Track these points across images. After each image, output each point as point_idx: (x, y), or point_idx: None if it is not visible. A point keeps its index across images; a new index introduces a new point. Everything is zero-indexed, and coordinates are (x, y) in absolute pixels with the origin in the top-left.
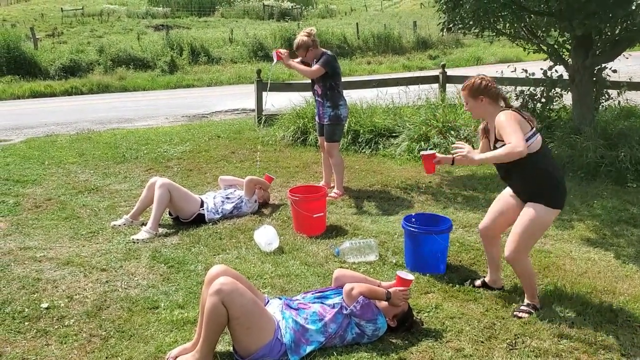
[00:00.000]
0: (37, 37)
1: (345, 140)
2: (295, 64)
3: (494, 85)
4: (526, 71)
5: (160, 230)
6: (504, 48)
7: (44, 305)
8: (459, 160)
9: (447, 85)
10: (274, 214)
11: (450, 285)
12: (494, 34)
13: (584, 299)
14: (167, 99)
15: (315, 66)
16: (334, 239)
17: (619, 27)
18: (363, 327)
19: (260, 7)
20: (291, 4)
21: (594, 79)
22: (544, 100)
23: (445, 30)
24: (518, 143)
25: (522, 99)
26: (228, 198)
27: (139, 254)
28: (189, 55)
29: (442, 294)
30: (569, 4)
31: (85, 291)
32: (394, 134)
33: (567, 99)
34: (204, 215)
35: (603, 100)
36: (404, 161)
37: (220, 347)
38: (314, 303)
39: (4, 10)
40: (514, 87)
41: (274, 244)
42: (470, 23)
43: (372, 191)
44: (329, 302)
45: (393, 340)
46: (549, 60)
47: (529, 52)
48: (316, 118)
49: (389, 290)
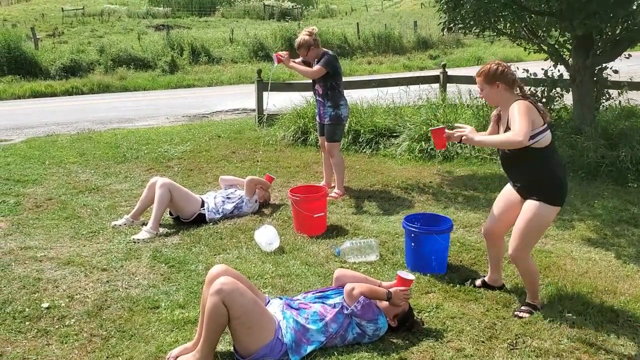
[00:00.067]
0: (38, 37)
1: (346, 140)
2: (296, 65)
3: (510, 71)
4: (527, 71)
5: (161, 230)
6: (505, 48)
7: (45, 305)
8: (464, 139)
9: (448, 85)
10: (274, 214)
11: (451, 285)
12: (495, 33)
13: (584, 299)
14: (168, 99)
15: (316, 66)
16: (334, 239)
17: (620, 27)
18: (364, 327)
19: (261, 7)
20: (292, 4)
21: (595, 79)
22: (544, 100)
23: (445, 30)
24: (520, 133)
25: None
26: (229, 198)
27: (140, 254)
28: (190, 55)
29: (443, 294)
30: (569, 4)
31: (86, 291)
32: (394, 134)
33: (568, 99)
34: (204, 215)
35: (604, 100)
36: (404, 161)
37: (221, 347)
38: (314, 303)
39: (5, 10)
40: None
41: (274, 243)
42: (471, 23)
43: (373, 191)
44: (330, 302)
45: (394, 340)
46: (549, 60)
47: (529, 52)
48: (317, 118)
49: (390, 290)
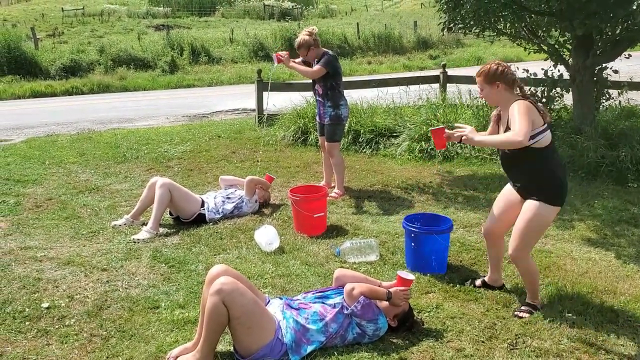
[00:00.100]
0: (38, 37)
1: (346, 140)
2: (296, 66)
3: (510, 71)
4: (527, 71)
5: (161, 230)
6: (505, 48)
7: (45, 305)
8: (464, 139)
9: (448, 85)
10: (274, 214)
11: (451, 285)
12: (495, 33)
13: (584, 299)
14: (168, 99)
15: (317, 66)
16: (334, 239)
17: (620, 27)
18: (364, 327)
19: (261, 7)
20: (292, 4)
21: (595, 79)
22: (544, 100)
23: (445, 30)
24: (520, 133)
25: None
26: (229, 198)
27: (140, 254)
28: (190, 55)
29: (443, 294)
30: (569, 4)
31: (86, 291)
32: (394, 134)
33: (568, 99)
34: (204, 215)
35: (604, 100)
36: (404, 161)
37: (221, 347)
38: (314, 303)
39: (5, 10)
40: None
41: (274, 243)
42: (471, 23)
43: (373, 191)
44: (330, 302)
45: (394, 340)
46: (549, 60)
47: (529, 52)
48: (317, 118)
49: (390, 290)
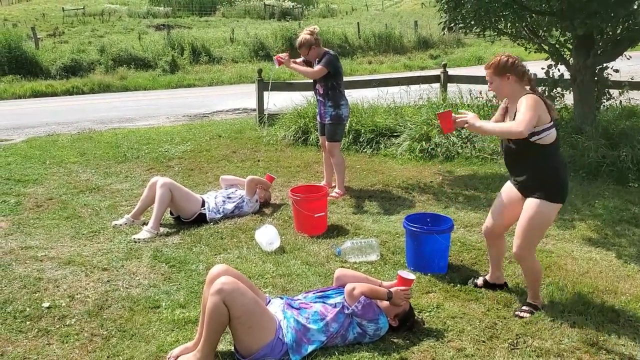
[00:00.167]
0: (39, 37)
1: (347, 139)
2: (297, 66)
3: (520, 62)
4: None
5: (162, 229)
6: (505, 48)
7: (46, 304)
8: (466, 126)
9: (449, 84)
10: (275, 214)
11: (452, 284)
12: (495, 33)
13: (585, 299)
14: (168, 99)
15: (318, 67)
16: (335, 239)
17: (621, 27)
18: (365, 327)
19: (261, 7)
20: (292, 4)
21: (596, 79)
22: None
23: (446, 29)
24: (522, 123)
25: None
26: (229, 198)
27: (140, 254)
28: (190, 54)
29: (444, 294)
30: (570, 4)
31: (87, 290)
32: (395, 134)
33: (569, 99)
34: (205, 214)
35: (604, 100)
36: (405, 161)
37: (222, 347)
38: (315, 302)
39: (5, 10)
40: None
41: (275, 243)
42: (472, 23)
43: (374, 191)
44: (331, 302)
45: (394, 340)
46: (550, 59)
47: (530, 52)
48: (317, 117)
49: (391, 289)
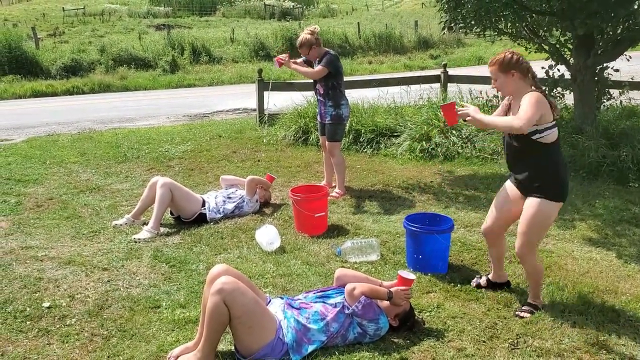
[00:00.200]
0: (39, 37)
1: (347, 139)
2: (298, 67)
3: (524, 59)
4: None
5: (162, 229)
6: (506, 48)
7: (46, 304)
8: (468, 119)
9: (449, 84)
10: (275, 214)
11: (452, 284)
12: (496, 33)
13: (586, 299)
14: (169, 99)
15: (318, 67)
16: (335, 239)
17: (621, 27)
18: (365, 327)
19: (262, 7)
20: (292, 4)
21: (596, 79)
22: None
23: (446, 29)
24: (523, 118)
25: None
26: (229, 197)
27: (141, 254)
28: (190, 54)
29: (444, 294)
30: (570, 4)
31: (87, 290)
32: (395, 134)
33: (569, 99)
34: (205, 214)
35: (605, 100)
36: (405, 161)
37: (222, 347)
38: (315, 302)
39: (6, 9)
40: None
41: (275, 243)
42: (472, 22)
43: (374, 191)
44: (331, 302)
45: (395, 340)
46: (550, 59)
47: (530, 52)
48: (318, 117)
49: (391, 289)
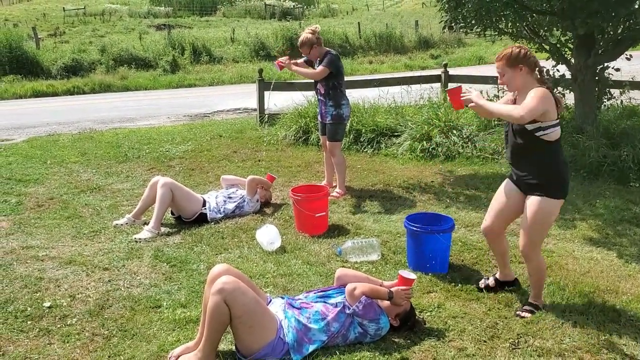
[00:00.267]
0: (39, 37)
1: (348, 139)
2: (299, 69)
3: (532, 54)
4: None
5: (163, 229)
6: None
7: (47, 304)
8: (470, 105)
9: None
10: (276, 214)
11: (453, 284)
12: (496, 33)
13: (586, 299)
14: (169, 99)
15: (320, 67)
16: (336, 239)
17: (622, 26)
18: (365, 327)
19: (262, 7)
20: (293, 4)
21: (597, 78)
22: None
23: (447, 28)
24: (525, 108)
25: None
26: (230, 197)
27: (142, 253)
28: (191, 54)
29: (445, 294)
30: (571, 3)
31: (88, 290)
32: (396, 134)
33: (570, 99)
34: (206, 214)
35: (605, 100)
36: (406, 160)
37: (223, 346)
38: (316, 302)
39: (6, 9)
40: None
41: (276, 243)
42: (473, 22)
43: (374, 190)
44: (332, 302)
45: (395, 340)
46: (551, 59)
47: None
48: (318, 117)
49: (391, 289)
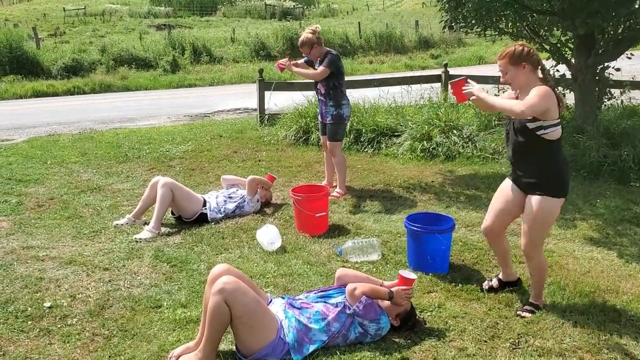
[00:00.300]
0: (40, 37)
1: (348, 139)
2: (299, 70)
3: (535, 52)
4: None
5: (163, 229)
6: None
7: (47, 304)
8: (472, 99)
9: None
10: (276, 214)
11: (453, 284)
12: (497, 33)
13: (587, 298)
14: (169, 99)
15: (320, 68)
16: (336, 239)
17: (622, 26)
18: (366, 327)
19: (262, 7)
20: (293, 4)
21: (597, 78)
22: None
23: (447, 28)
24: (526, 104)
25: None
26: (230, 197)
27: (142, 253)
28: (191, 54)
29: (445, 293)
30: (571, 3)
31: (88, 290)
32: (396, 133)
33: (570, 98)
34: (206, 214)
35: (606, 99)
36: (406, 160)
37: (223, 346)
38: (317, 302)
39: (6, 10)
40: None
41: (276, 243)
42: (473, 22)
43: (375, 190)
44: (332, 302)
45: (396, 340)
46: (551, 59)
47: None
48: (319, 117)
49: (392, 289)
